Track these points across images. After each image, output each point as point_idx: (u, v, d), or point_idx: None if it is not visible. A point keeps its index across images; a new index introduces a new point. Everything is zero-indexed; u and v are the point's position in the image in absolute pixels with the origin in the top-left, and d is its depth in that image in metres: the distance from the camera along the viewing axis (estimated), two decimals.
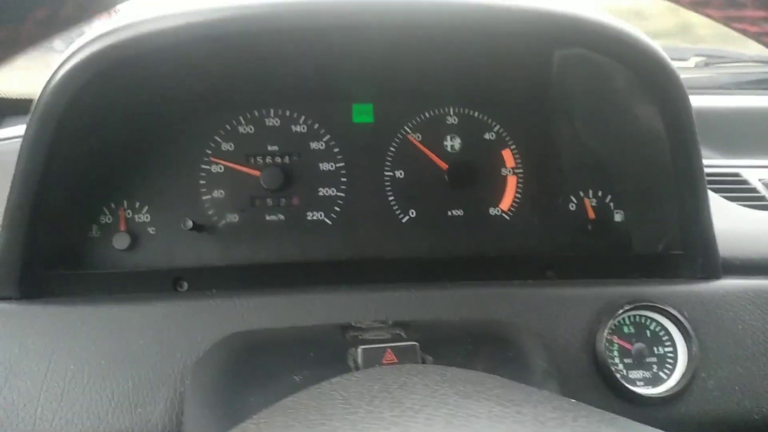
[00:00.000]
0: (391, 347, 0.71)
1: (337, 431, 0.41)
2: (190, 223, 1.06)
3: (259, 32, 0.85)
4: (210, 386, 0.87)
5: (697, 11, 0.35)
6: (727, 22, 0.34)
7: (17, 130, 1.34)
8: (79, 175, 1.03)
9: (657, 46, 0.92)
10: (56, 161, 0.93)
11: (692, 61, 1.94)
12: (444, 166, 1.16)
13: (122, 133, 1.07)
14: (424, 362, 0.72)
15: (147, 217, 1.11)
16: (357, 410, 0.44)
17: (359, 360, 0.71)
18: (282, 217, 1.14)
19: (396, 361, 0.70)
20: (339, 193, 1.15)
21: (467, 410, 0.43)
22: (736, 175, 1.35)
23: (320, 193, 1.15)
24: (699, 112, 1.01)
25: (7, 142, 1.32)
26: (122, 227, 1.10)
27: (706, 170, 1.04)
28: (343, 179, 1.16)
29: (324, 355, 0.79)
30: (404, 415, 0.42)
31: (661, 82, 0.93)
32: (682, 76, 1.82)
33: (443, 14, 0.86)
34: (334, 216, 1.15)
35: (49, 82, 0.86)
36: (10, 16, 0.27)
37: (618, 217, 1.18)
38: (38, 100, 0.88)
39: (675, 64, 1.91)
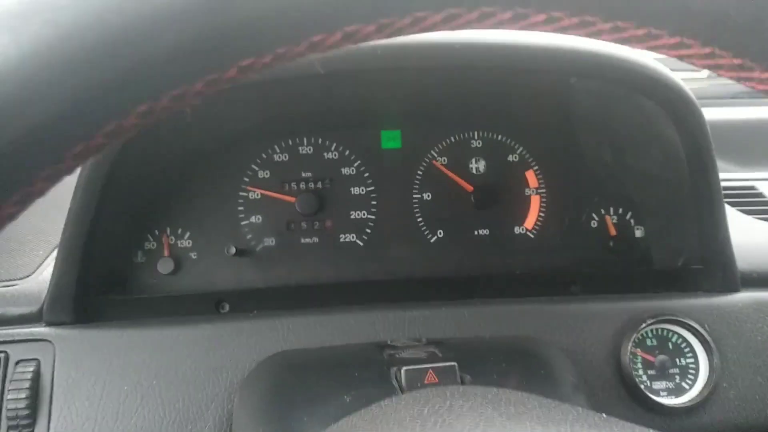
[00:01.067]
0: (432, 368, 0.76)
1: None
2: (233, 249, 1.12)
3: (313, 75, 0.91)
4: (257, 404, 0.92)
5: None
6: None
7: None
8: (127, 205, 1.09)
9: (672, 74, 0.97)
10: (110, 192, 0.99)
11: (705, 72, 1.97)
12: (469, 188, 1.21)
13: (166, 164, 1.13)
14: (462, 382, 0.77)
15: (189, 243, 1.17)
16: None
17: (403, 380, 0.76)
18: (316, 239, 1.19)
19: (437, 381, 0.75)
20: (370, 216, 1.21)
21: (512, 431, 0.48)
22: (752, 188, 1.39)
23: (352, 216, 1.20)
24: (712, 123, 1.04)
25: None
26: (166, 253, 1.15)
27: (722, 183, 1.08)
28: (374, 202, 1.21)
29: (367, 374, 0.84)
30: None
31: (678, 108, 0.97)
32: (695, 86, 1.86)
33: (476, 55, 0.93)
34: (366, 238, 1.21)
35: None
36: (117, 109, 0.32)
37: (638, 233, 1.22)
38: None
39: (688, 75, 1.95)
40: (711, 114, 1.58)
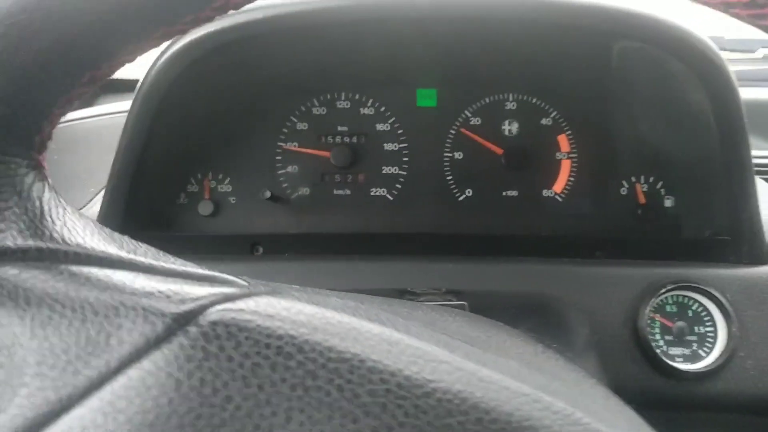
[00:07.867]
0: (441, 305, 0.79)
1: None
2: (268, 193, 1.18)
3: (347, 23, 0.95)
4: None
5: (726, 12, 0.36)
6: (753, 21, 0.35)
7: (113, 106, 1.49)
8: (172, 147, 1.15)
9: (707, 39, 0.96)
10: (155, 136, 1.05)
11: (760, 53, 1.92)
12: (499, 150, 1.23)
13: (211, 111, 1.18)
14: None
15: (229, 188, 1.23)
16: None
17: None
18: (348, 192, 1.24)
19: None
20: (401, 172, 1.24)
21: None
22: None
23: (384, 171, 1.24)
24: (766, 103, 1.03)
25: (105, 117, 1.47)
26: (207, 196, 1.22)
27: (759, 160, 1.07)
28: (405, 159, 1.24)
29: None
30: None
31: (709, 74, 0.97)
32: (750, 68, 1.81)
33: (512, 10, 0.94)
34: (396, 192, 1.24)
35: (153, 64, 0.98)
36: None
37: (668, 202, 1.22)
38: (143, 81, 1.00)
39: (742, 56, 1.91)
40: (764, 94, 1.55)
